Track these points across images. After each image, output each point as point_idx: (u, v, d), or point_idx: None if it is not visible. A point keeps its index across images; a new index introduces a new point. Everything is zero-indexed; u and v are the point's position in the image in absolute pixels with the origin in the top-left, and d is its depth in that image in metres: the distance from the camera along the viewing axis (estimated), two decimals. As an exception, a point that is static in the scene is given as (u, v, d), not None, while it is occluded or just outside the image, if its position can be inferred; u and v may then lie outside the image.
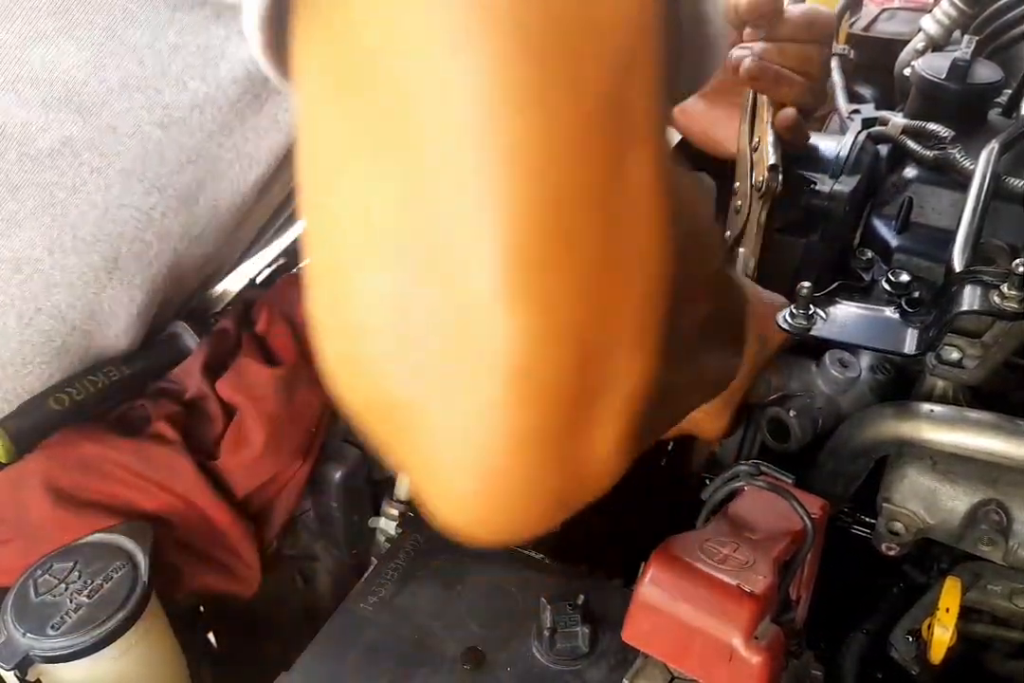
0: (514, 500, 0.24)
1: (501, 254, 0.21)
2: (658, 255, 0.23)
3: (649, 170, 0.22)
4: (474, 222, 0.21)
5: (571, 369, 0.22)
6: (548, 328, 0.21)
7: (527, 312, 0.21)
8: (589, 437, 0.23)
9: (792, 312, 0.61)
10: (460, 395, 0.22)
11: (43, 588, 0.51)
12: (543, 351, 0.21)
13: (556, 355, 0.22)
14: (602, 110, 0.21)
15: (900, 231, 0.75)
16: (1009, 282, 0.53)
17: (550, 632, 0.52)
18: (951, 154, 0.71)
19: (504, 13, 0.20)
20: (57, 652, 0.48)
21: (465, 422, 0.22)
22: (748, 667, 0.42)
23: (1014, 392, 0.66)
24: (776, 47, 0.70)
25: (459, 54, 0.20)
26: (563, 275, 0.21)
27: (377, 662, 0.53)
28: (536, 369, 0.22)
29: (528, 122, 0.20)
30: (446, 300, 0.21)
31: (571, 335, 0.22)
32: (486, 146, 0.20)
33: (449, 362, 0.22)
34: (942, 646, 0.54)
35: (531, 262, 0.21)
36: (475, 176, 0.20)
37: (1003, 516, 0.56)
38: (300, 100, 0.24)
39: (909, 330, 0.60)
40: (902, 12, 1.06)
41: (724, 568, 0.44)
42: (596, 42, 0.21)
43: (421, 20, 0.20)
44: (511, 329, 0.21)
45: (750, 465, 0.51)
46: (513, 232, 0.21)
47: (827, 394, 0.66)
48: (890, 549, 0.61)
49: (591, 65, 0.21)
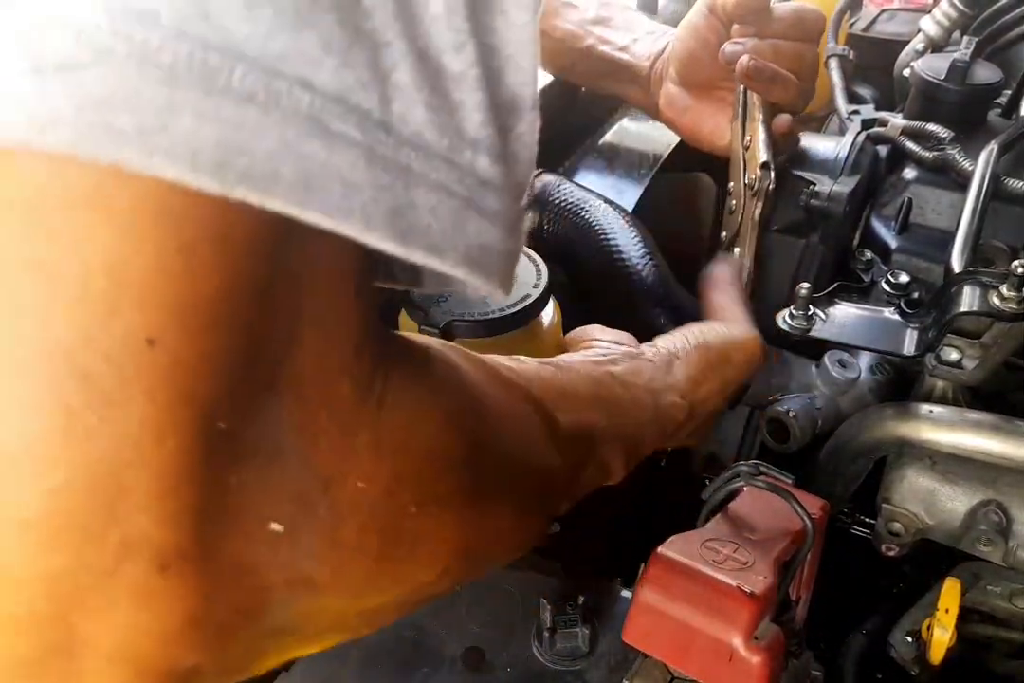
0: None
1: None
2: (155, 527, 0.21)
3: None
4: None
5: (25, 623, 0.21)
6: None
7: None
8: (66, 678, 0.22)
9: (792, 313, 0.61)
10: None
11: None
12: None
13: (6, 606, 0.21)
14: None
15: (899, 232, 0.75)
16: (1008, 283, 0.53)
17: (550, 632, 0.52)
18: (950, 155, 0.71)
19: None
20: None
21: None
22: (748, 667, 0.42)
23: (1014, 393, 0.66)
24: (770, 45, 0.69)
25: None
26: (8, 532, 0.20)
27: (377, 662, 0.53)
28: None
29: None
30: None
31: (21, 592, 0.20)
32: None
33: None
34: (942, 647, 0.54)
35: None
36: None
37: (1002, 517, 0.56)
38: None
39: (908, 331, 0.60)
40: (902, 13, 1.06)
41: (724, 568, 0.44)
42: (36, 290, 0.19)
43: None
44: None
45: (750, 465, 0.51)
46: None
47: (827, 394, 0.66)
48: (890, 549, 0.61)
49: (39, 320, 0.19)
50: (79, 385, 0.19)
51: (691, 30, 0.75)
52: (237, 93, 0.18)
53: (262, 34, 0.18)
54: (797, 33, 0.70)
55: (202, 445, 0.21)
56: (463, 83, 0.23)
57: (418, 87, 0.22)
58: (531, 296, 0.57)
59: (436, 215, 0.22)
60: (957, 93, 0.76)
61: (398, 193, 0.21)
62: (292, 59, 0.19)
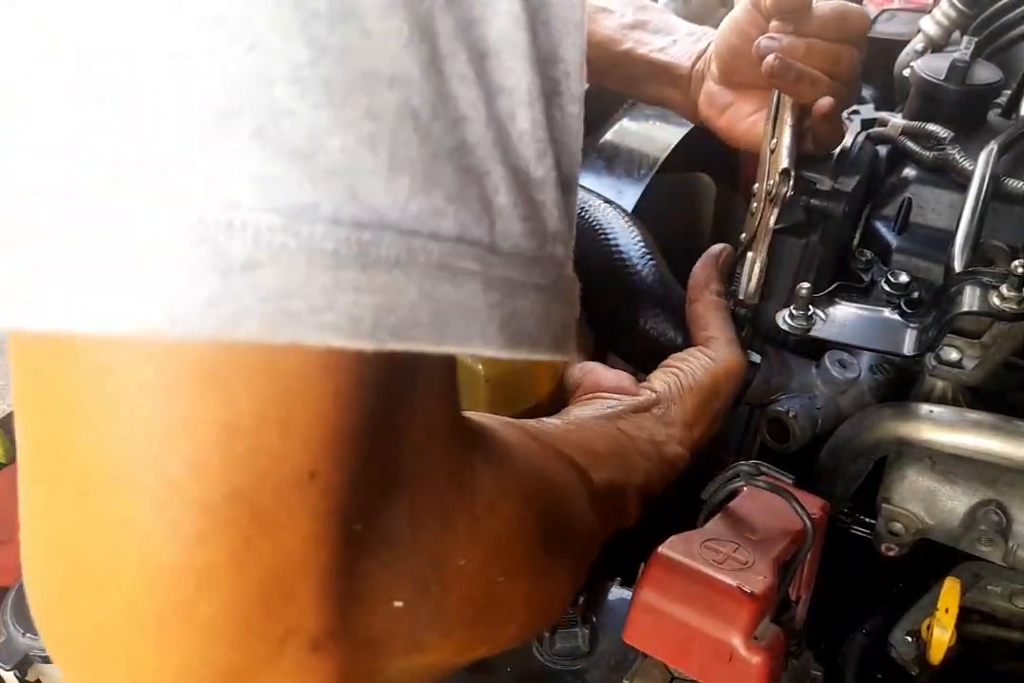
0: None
1: (131, 602, 0.24)
2: (308, 615, 0.25)
3: (304, 545, 0.24)
4: (118, 561, 0.24)
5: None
6: (162, 667, 0.25)
7: (144, 649, 0.24)
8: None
9: (792, 313, 0.61)
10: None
11: (43, 588, 0.51)
12: (175, 671, 0.25)
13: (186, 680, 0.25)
14: (228, 502, 0.23)
15: (899, 232, 0.75)
16: (1008, 283, 0.53)
17: (550, 632, 0.52)
18: (950, 155, 0.71)
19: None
20: (57, 652, 0.49)
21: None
22: (748, 667, 0.42)
23: (1013, 393, 0.66)
24: (803, 43, 0.67)
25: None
26: (181, 631, 0.24)
27: (377, 662, 0.53)
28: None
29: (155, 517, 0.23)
30: (92, 617, 0.25)
31: (187, 677, 0.25)
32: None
33: (90, 659, 0.26)
34: (941, 646, 0.54)
35: (152, 615, 0.24)
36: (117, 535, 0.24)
37: (1002, 517, 0.56)
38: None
39: (908, 331, 0.60)
40: (901, 13, 1.06)
41: (724, 568, 0.44)
42: (217, 444, 0.23)
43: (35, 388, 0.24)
44: (131, 658, 0.25)
45: (750, 465, 0.51)
46: (141, 588, 0.24)
47: (827, 394, 0.66)
48: (890, 549, 0.61)
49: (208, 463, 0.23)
50: (253, 519, 0.23)
51: (733, 25, 0.73)
52: (385, 261, 0.21)
53: (402, 201, 0.21)
54: (836, 33, 0.68)
55: (345, 547, 0.25)
56: (545, 185, 0.26)
57: (514, 204, 0.24)
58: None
59: (534, 314, 0.25)
60: (957, 93, 0.76)
61: (506, 306, 0.24)
62: (425, 216, 0.22)
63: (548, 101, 0.25)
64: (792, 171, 0.66)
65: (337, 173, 0.20)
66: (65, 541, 0.24)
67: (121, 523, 0.23)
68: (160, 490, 0.22)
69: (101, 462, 0.23)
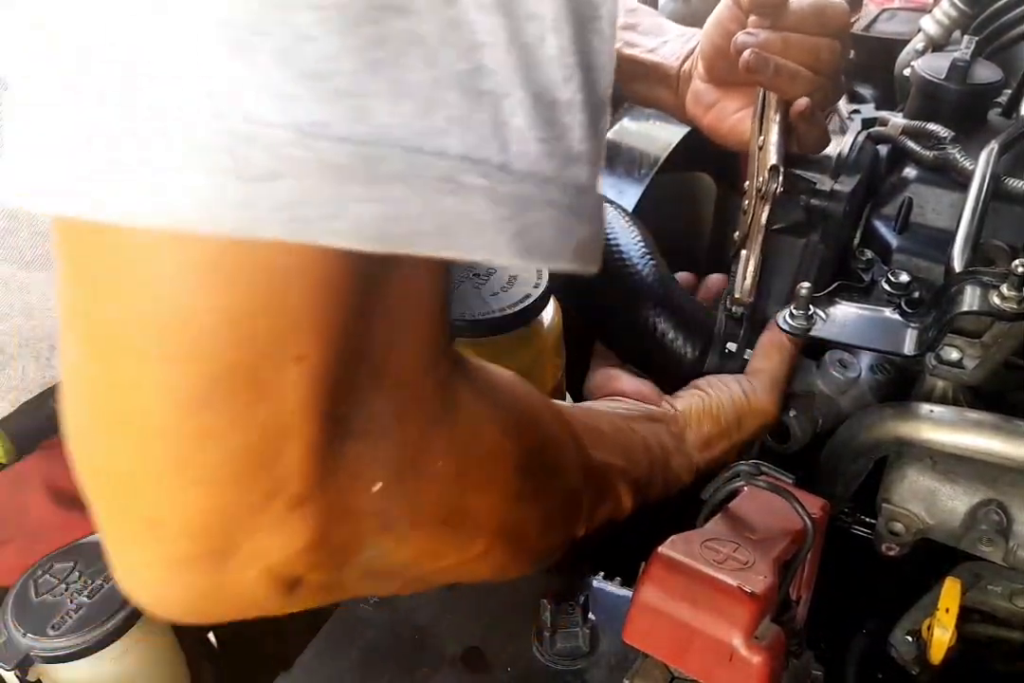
0: (165, 602, 0.32)
1: (146, 453, 0.28)
2: (296, 478, 0.29)
3: (296, 396, 0.27)
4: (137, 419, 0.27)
5: (191, 533, 0.29)
6: (175, 506, 0.28)
7: (161, 489, 0.28)
8: (219, 575, 0.30)
9: (792, 312, 0.61)
10: (121, 525, 0.30)
11: (43, 588, 0.51)
12: (168, 515, 0.28)
13: (179, 520, 0.28)
14: (228, 374, 0.26)
15: (900, 231, 0.75)
16: (1008, 283, 0.53)
17: (550, 632, 0.52)
18: (951, 154, 0.71)
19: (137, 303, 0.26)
20: (57, 652, 0.49)
21: (125, 543, 0.31)
22: (748, 667, 0.42)
23: (1014, 392, 0.66)
24: (780, 37, 0.67)
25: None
26: (186, 477, 0.28)
27: (377, 662, 0.53)
28: (162, 524, 0.29)
29: (170, 377, 0.26)
30: (114, 473, 0.29)
31: (193, 514, 0.28)
32: (147, 386, 0.27)
33: (116, 497, 0.30)
34: (942, 646, 0.54)
35: (165, 463, 0.27)
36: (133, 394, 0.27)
37: (1003, 516, 0.56)
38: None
39: (909, 330, 0.60)
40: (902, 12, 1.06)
41: (724, 568, 0.44)
42: (227, 333, 0.26)
43: (78, 278, 0.27)
44: (150, 494, 0.28)
45: (750, 465, 0.51)
46: (154, 444, 0.27)
47: (827, 394, 0.66)
48: (890, 549, 0.61)
49: (214, 352, 0.26)
50: (250, 389, 0.26)
51: (716, 23, 0.73)
52: (388, 176, 0.23)
53: (407, 121, 0.23)
54: (814, 26, 0.67)
55: (332, 424, 0.29)
56: (571, 108, 0.27)
57: (531, 125, 0.26)
58: (531, 296, 0.57)
59: (549, 228, 0.27)
60: (957, 92, 0.76)
61: (517, 220, 0.26)
62: (428, 136, 0.24)
63: (581, 26, 0.26)
64: (781, 167, 0.65)
65: (347, 95, 0.23)
66: (90, 394, 0.28)
67: (132, 385, 0.26)
68: (169, 360, 0.26)
69: (121, 332, 0.26)
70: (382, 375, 0.31)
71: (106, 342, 0.27)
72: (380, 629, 0.54)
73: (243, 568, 0.30)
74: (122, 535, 0.30)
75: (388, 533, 0.33)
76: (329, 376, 0.28)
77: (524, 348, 0.58)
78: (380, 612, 0.55)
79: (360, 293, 0.28)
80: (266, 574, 0.30)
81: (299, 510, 0.29)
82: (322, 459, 0.29)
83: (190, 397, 0.26)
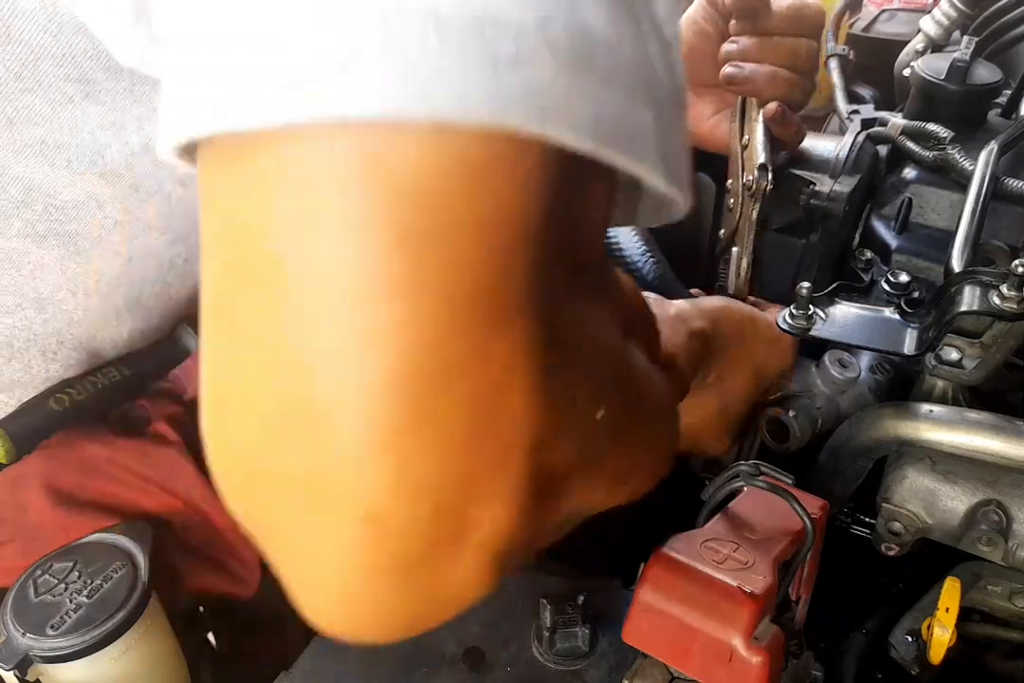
0: (370, 618, 0.26)
1: (364, 421, 0.23)
2: (529, 421, 0.24)
3: (522, 346, 0.24)
4: (340, 390, 0.22)
5: (422, 520, 0.24)
6: (402, 484, 0.23)
7: (383, 470, 0.23)
8: (445, 570, 0.25)
9: (792, 312, 0.61)
10: (318, 528, 0.24)
11: (43, 588, 0.51)
12: (394, 504, 0.23)
13: (407, 508, 0.23)
14: (471, 300, 0.23)
15: (899, 231, 0.75)
16: (1008, 283, 0.53)
17: (550, 632, 0.52)
18: (950, 155, 0.71)
19: (388, 212, 0.22)
20: (57, 652, 0.49)
21: (322, 552, 0.25)
22: (748, 667, 0.42)
23: (1013, 392, 0.66)
24: (759, 43, 0.69)
25: (343, 241, 0.22)
26: (422, 440, 0.23)
27: (377, 662, 0.53)
28: (386, 517, 0.23)
29: (397, 310, 0.22)
30: (310, 450, 0.23)
31: (424, 492, 0.23)
32: (355, 329, 0.22)
33: (310, 499, 0.24)
34: (942, 646, 0.54)
35: (391, 428, 0.23)
36: (341, 355, 0.22)
37: (1002, 516, 0.56)
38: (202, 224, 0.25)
39: (908, 330, 0.60)
40: (902, 13, 1.06)
41: (724, 568, 0.44)
42: (474, 242, 0.22)
43: (312, 201, 0.22)
44: (365, 481, 0.23)
45: (750, 465, 0.51)
46: (376, 402, 0.22)
47: (827, 394, 0.66)
48: (889, 549, 0.61)
49: (466, 261, 0.22)
50: (493, 312, 0.23)
51: (691, 25, 0.75)
52: (612, 78, 0.23)
53: (604, 24, 0.23)
54: (794, 28, 0.70)
55: (548, 341, 0.25)
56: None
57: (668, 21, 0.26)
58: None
59: (679, 149, 0.27)
60: (957, 93, 0.76)
61: (663, 127, 0.25)
62: (632, 47, 0.24)
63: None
64: (769, 165, 0.67)
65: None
66: (268, 367, 0.23)
67: (336, 334, 0.22)
68: (379, 303, 0.22)
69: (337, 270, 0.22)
70: (577, 274, 0.27)
71: (321, 286, 0.22)
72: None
73: (479, 551, 0.25)
74: (316, 546, 0.25)
75: (595, 465, 0.29)
76: (529, 278, 0.24)
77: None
78: (380, 612, 0.55)
79: (568, 190, 0.25)
80: (495, 553, 0.25)
81: (534, 460, 0.25)
82: (547, 389, 0.25)
83: (419, 339, 0.22)
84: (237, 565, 0.59)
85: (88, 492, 0.55)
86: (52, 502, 0.54)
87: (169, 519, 0.56)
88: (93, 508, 0.55)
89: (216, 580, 0.59)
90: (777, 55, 0.69)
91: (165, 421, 0.58)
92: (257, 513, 0.26)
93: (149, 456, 0.56)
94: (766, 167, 0.67)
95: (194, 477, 0.56)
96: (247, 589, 0.60)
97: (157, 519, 0.56)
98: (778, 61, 0.69)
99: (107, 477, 0.56)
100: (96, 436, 0.56)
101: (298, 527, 0.25)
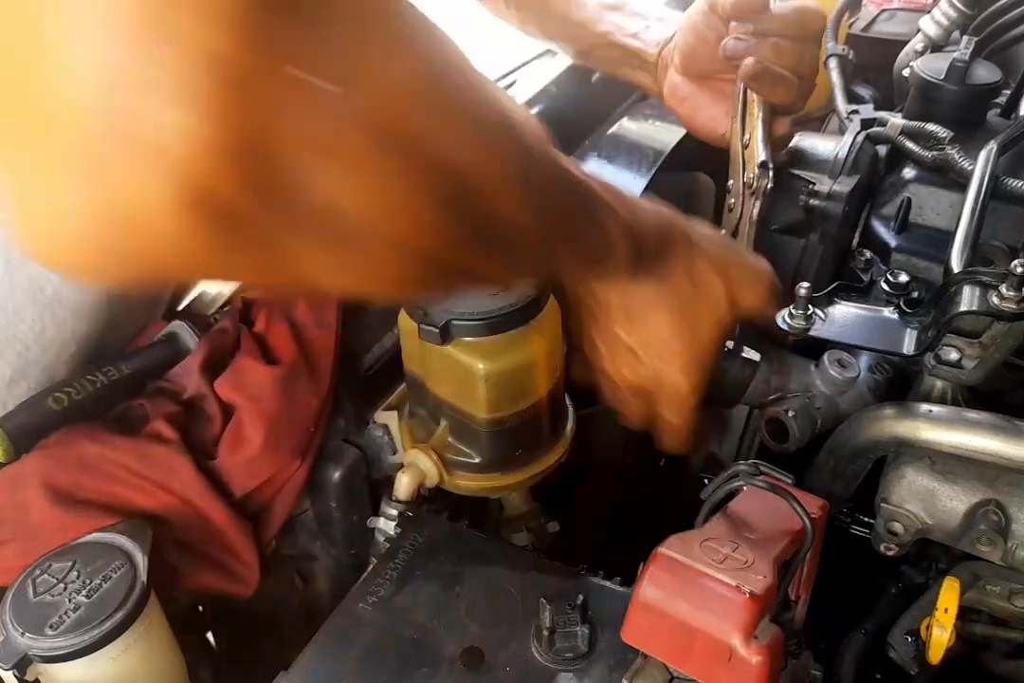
0: (71, 237, 0.27)
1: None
2: (214, 33, 0.24)
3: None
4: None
5: (101, 111, 0.24)
6: (90, 76, 0.24)
7: (69, 57, 0.24)
8: (136, 186, 0.25)
9: (791, 312, 0.61)
10: (29, 130, 0.25)
11: (42, 588, 0.50)
12: (78, 94, 0.24)
13: (90, 98, 0.24)
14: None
15: (899, 231, 0.75)
16: (1007, 283, 0.53)
17: (550, 632, 0.52)
18: (950, 155, 0.71)
19: None
20: (55, 652, 0.48)
21: (31, 153, 0.26)
22: (747, 667, 0.42)
23: (1013, 392, 0.66)
24: (772, 46, 0.70)
25: None
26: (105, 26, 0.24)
27: (376, 662, 0.53)
28: (69, 111, 0.24)
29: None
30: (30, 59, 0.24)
31: (101, 77, 0.24)
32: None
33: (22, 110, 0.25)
34: (941, 646, 0.54)
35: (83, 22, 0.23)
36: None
37: (1001, 516, 0.56)
38: None
39: (908, 330, 0.60)
40: (901, 13, 1.06)
41: (723, 568, 0.44)
42: None
43: None
44: (64, 78, 0.24)
45: (749, 465, 0.51)
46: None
47: (826, 394, 0.66)
48: (889, 549, 0.61)
49: None
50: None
51: (690, 26, 0.76)
52: None
53: None
54: (797, 32, 0.70)
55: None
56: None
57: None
58: (531, 295, 0.57)
59: None
60: (956, 93, 0.76)
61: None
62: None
63: None
64: (770, 164, 0.67)
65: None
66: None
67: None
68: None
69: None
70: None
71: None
72: (379, 629, 0.54)
73: (170, 176, 0.25)
74: (30, 156, 0.25)
75: (313, 151, 0.28)
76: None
77: (524, 348, 0.58)
78: (379, 612, 0.55)
79: None
80: (171, 180, 0.25)
81: (215, 77, 0.24)
82: (258, 21, 0.25)
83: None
84: (236, 564, 0.59)
85: (86, 491, 0.55)
86: (51, 501, 0.54)
87: (168, 518, 0.56)
88: (91, 507, 0.55)
89: (215, 579, 0.59)
90: (780, 58, 0.70)
91: (163, 420, 0.58)
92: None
93: (147, 455, 0.56)
94: (767, 165, 0.67)
95: (193, 476, 0.56)
96: (246, 588, 0.60)
97: (155, 518, 0.56)
98: (785, 64, 0.70)
99: (105, 476, 0.55)
100: (94, 435, 0.56)
101: (13, 139, 0.26)
